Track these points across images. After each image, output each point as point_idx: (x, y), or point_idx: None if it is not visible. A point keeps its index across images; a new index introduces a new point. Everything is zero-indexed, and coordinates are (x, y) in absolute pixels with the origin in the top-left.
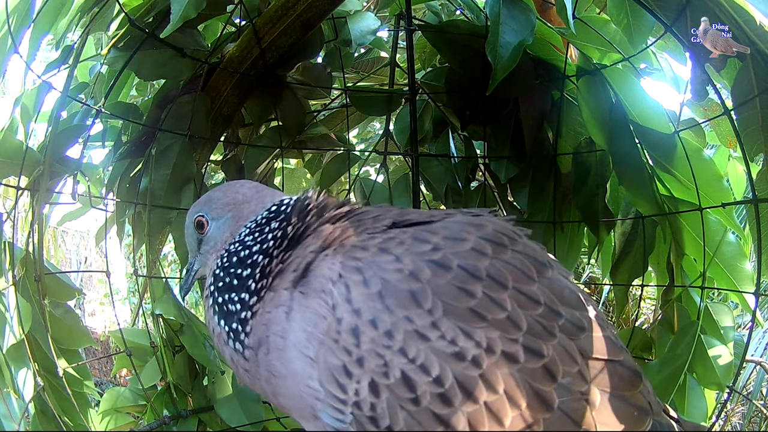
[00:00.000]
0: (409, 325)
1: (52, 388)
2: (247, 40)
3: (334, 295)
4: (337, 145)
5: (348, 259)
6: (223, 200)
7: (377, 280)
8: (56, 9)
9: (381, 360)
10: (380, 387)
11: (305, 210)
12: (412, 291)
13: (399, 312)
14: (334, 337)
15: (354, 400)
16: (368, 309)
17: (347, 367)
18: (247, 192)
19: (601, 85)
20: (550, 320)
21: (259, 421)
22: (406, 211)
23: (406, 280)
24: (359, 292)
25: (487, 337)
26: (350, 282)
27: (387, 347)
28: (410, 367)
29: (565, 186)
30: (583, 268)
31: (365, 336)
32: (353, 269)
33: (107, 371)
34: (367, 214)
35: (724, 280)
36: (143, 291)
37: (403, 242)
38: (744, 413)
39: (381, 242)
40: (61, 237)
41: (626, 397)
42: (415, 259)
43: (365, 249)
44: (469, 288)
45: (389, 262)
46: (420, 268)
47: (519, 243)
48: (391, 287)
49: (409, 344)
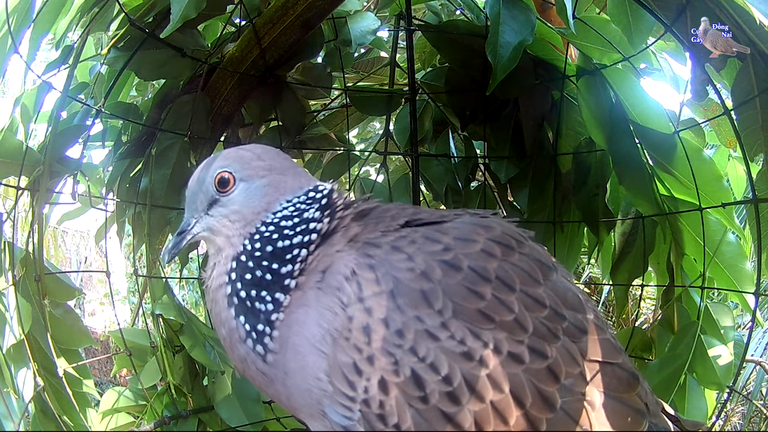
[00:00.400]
0: (420, 324)
1: (52, 388)
2: (247, 40)
3: (347, 292)
4: (337, 145)
5: (361, 255)
6: (258, 162)
7: (389, 279)
8: (56, 9)
9: (391, 358)
10: (390, 385)
11: (335, 206)
12: (424, 291)
13: (410, 311)
14: (345, 335)
15: (363, 397)
16: (380, 308)
17: (357, 365)
18: (284, 162)
19: (601, 85)
20: (555, 323)
21: (259, 421)
22: (420, 210)
23: (417, 279)
24: (371, 291)
25: (494, 338)
26: (362, 280)
27: (398, 346)
28: (420, 366)
29: (565, 186)
30: (583, 268)
31: (376, 334)
32: (366, 266)
33: (107, 371)
34: (387, 212)
35: (724, 280)
36: (143, 291)
37: (414, 241)
38: (744, 413)
39: (393, 240)
40: (61, 237)
41: (623, 399)
42: (426, 258)
43: (378, 246)
44: (479, 289)
45: (401, 260)
46: (431, 268)
47: (525, 246)
48: (403, 286)
49: (420, 343)
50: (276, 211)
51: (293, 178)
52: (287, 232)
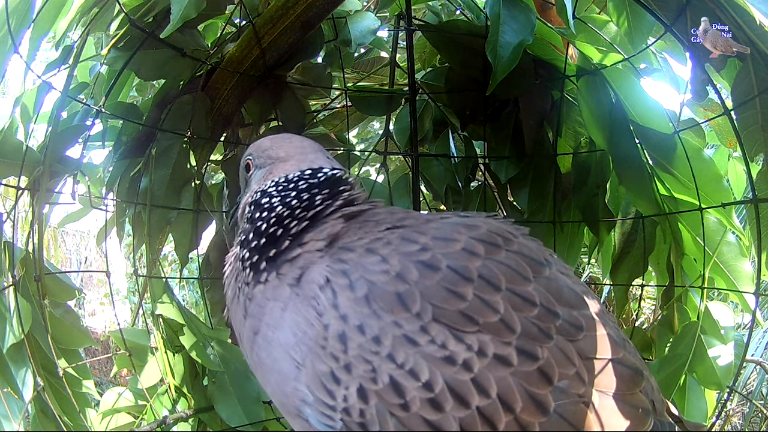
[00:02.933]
0: (398, 329)
1: (52, 388)
2: (247, 40)
3: (321, 300)
4: (337, 145)
5: (335, 261)
6: (269, 151)
7: (363, 283)
8: (56, 9)
9: (369, 366)
10: (369, 393)
11: (338, 190)
12: (399, 293)
13: (386, 317)
14: (321, 343)
15: (343, 406)
16: (355, 314)
17: (335, 374)
18: (292, 150)
19: (601, 85)
20: (547, 321)
21: (259, 421)
22: (409, 215)
23: (392, 282)
24: (345, 297)
25: (478, 340)
26: (336, 286)
27: (375, 353)
28: (399, 373)
29: (565, 186)
30: (583, 268)
31: (352, 342)
32: (339, 272)
33: (107, 371)
34: (375, 216)
35: (724, 280)
36: (143, 291)
37: (390, 242)
38: (744, 413)
39: (368, 243)
40: (61, 237)
41: (626, 398)
42: (402, 259)
43: (352, 250)
44: (459, 290)
45: (375, 263)
46: (407, 269)
47: (514, 243)
48: (377, 290)
49: (398, 349)
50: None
51: (296, 163)
52: (266, 205)
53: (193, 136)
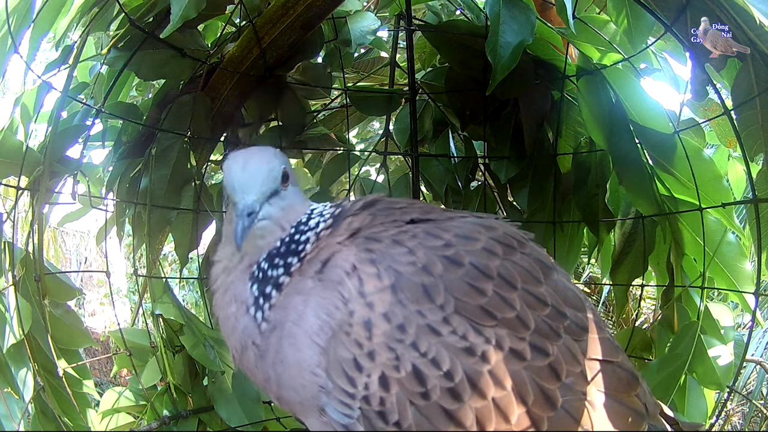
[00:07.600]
0: (422, 319)
1: (52, 388)
2: (247, 40)
3: (347, 287)
4: (337, 145)
5: (362, 250)
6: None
7: (391, 273)
8: (56, 9)
9: (393, 354)
10: (391, 381)
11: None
12: (425, 285)
13: (412, 306)
14: (345, 329)
15: (363, 394)
16: (381, 302)
17: (358, 360)
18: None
19: (601, 85)
20: (557, 321)
21: (259, 421)
22: (432, 209)
23: (418, 273)
24: (372, 285)
25: (496, 334)
26: (363, 274)
27: (399, 341)
28: (421, 361)
29: (565, 186)
30: (583, 268)
31: (378, 329)
32: (367, 261)
33: (107, 371)
34: (396, 204)
35: (724, 280)
36: (143, 291)
37: (416, 236)
38: (744, 413)
39: (394, 234)
40: (61, 237)
41: (623, 400)
42: (427, 252)
43: (379, 240)
44: (481, 286)
45: (402, 254)
46: (432, 262)
47: (527, 246)
48: (404, 280)
49: (421, 338)
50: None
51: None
52: (304, 229)
53: (193, 136)
